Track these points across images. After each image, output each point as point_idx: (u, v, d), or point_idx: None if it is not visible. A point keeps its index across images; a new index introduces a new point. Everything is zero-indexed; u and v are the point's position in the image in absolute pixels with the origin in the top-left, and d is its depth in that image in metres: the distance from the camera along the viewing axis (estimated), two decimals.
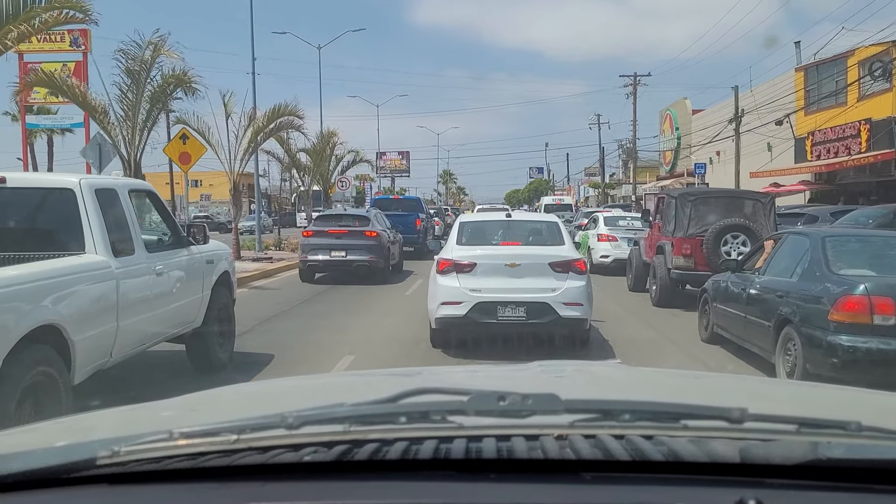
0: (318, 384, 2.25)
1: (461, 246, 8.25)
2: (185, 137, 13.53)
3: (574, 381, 2.06)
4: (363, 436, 1.12)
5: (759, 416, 1.13)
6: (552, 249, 8.20)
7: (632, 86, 43.18)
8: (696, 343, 8.81)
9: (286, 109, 19.73)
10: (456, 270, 7.83)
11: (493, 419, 1.14)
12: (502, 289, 7.69)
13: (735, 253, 11.35)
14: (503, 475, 1.09)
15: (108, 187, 5.65)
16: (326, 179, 32.00)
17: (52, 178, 6.67)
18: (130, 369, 6.27)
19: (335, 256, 14.97)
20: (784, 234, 8.02)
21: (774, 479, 1.07)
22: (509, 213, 9.69)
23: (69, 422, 1.70)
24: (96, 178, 6.51)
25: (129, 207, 5.74)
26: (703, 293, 9.01)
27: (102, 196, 5.39)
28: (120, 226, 5.55)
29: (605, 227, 17.52)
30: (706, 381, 2.44)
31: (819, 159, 24.26)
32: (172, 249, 6.44)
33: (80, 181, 5.29)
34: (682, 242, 11.95)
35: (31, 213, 5.66)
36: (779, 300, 6.66)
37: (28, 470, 1.12)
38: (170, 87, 14.43)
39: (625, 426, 1.12)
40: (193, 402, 1.80)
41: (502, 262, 7.86)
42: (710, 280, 9.02)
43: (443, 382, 1.35)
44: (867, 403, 1.76)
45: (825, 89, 24.88)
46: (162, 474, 1.11)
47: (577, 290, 7.75)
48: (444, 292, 7.78)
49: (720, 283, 8.41)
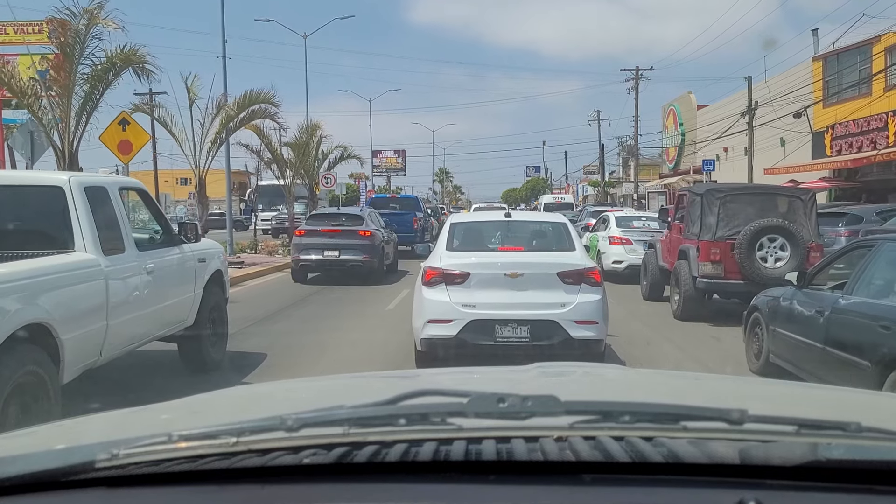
0: (317, 386, 2.22)
1: (452, 252, 7.14)
2: (125, 122, 11.51)
3: (574, 382, 2.07)
4: (362, 438, 1.13)
5: (758, 418, 1.13)
6: (561, 256, 7.15)
7: (633, 80, 41.33)
8: (743, 372, 7.28)
9: (259, 96, 17.89)
10: (445, 281, 6.77)
11: (493, 421, 1.15)
12: (501, 304, 6.69)
13: (772, 259, 10.15)
14: (503, 477, 1.10)
15: (98, 185, 5.70)
16: (312, 176, 30.00)
17: (41, 175, 6.50)
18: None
19: (328, 256, 14.75)
20: (875, 241, 6.07)
21: (774, 480, 1.07)
22: (509, 213, 8.35)
23: (68, 425, 1.71)
24: (86, 175, 6.56)
25: (119, 205, 5.79)
26: (752, 312, 7.54)
27: (92, 194, 5.43)
28: (110, 224, 5.56)
29: (618, 229, 15.73)
30: (706, 382, 2.42)
31: (840, 154, 22.37)
32: (164, 248, 6.46)
33: (70, 179, 5.33)
34: (710, 246, 10.51)
35: (19, 211, 5.65)
36: (884, 333, 5.13)
37: (26, 473, 1.13)
38: (116, 66, 12.41)
39: (624, 428, 1.13)
40: (192, 405, 1.81)
41: (501, 272, 6.82)
42: (761, 296, 7.57)
43: (442, 384, 1.50)
44: (867, 404, 1.76)
45: (847, 79, 22.97)
46: (161, 477, 1.12)
47: (592, 306, 6.74)
48: (431, 308, 6.76)
49: (780, 300, 6.94)
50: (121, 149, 11.70)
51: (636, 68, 41.83)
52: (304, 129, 28.12)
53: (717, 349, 8.69)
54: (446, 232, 7.49)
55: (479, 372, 2.99)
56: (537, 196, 57.96)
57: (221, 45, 19.95)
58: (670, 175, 43.82)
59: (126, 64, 12.37)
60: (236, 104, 17.82)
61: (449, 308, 6.65)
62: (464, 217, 8.95)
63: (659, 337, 9.53)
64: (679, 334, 9.77)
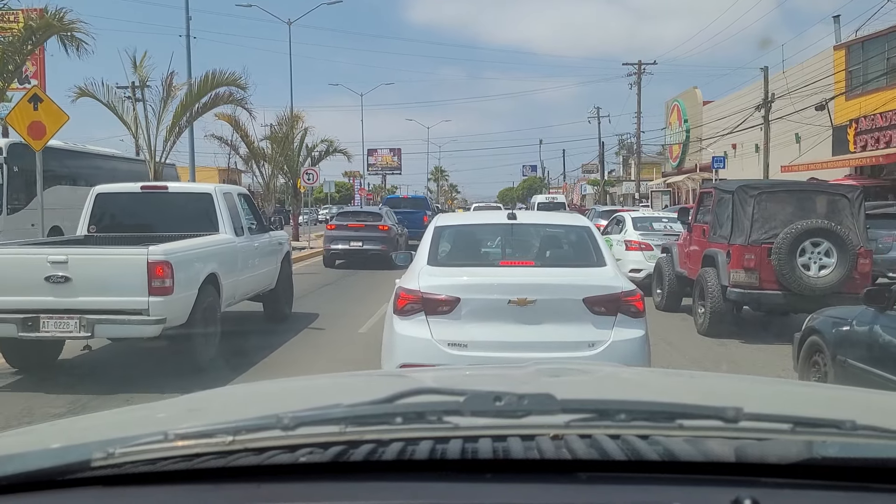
0: (313, 385, 2.25)
1: (435, 268, 5.42)
2: (36, 100, 9.52)
3: (570, 381, 2.07)
4: (359, 437, 1.15)
5: (754, 416, 1.16)
6: (588, 274, 5.38)
7: (635, 74, 39.63)
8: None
9: (223, 78, 16.10)
10: (426, 310, 5.05)
11: (489, 419, 1.17)
12: (504, 343, 4.93)
13: (816, 266, 8.98)
14: (499, 475, 1.12)
15: (227, 192, 9.15)
16: (295, 171, 28.06)
17: (196, 186, 11.52)
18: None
19: (353, 245, 18.62)
20: None
21: (770, 478, 1.10)
22: (513, 213, 6.16)
23: (64, 424, 1.77)
24: (223, 185, 10.27)
25: (238, 204, 9.14)
26: (808, 334, 6.34)
27: (226, 197, 8.82)
28: (235, 216, 8.84)
29: (636, 232, 13.92)
30: (701, 380, 2.45)
31: (865, 150, 20.36)
32: (260, 233, 9.60)
33: (215, 188, 8.91)
34: (743, 251, 9.28)
35: (187, 208, 8.80)
36: None
37: (23, 472, 1.15)
38: (36, 34, 10.42)
39: (621, 426, 1.16)
40: (189, 403, 1.84)
41: (504, 297, 5.04)
42: (821, 316, 6.39)
43: (439, 383, 1.50)
44: (862, 402, 1.79)
45: (873, 69, 20.97)
46: (157, 476, 1.14)
47: (633, 346, 5.04)
48: (404, 347, 5.08)
49: (853, 324, 5.81)
50: (32, 132, 9.67)
51: (638, 62, 40.45)
52: (285, 119, 26.17)
53: (749, 370, 7.65)
54: (429, 239, 5.71)
55: (475, 370, 2.91)
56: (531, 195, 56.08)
57: (185, 23, 18.03)
58: (674, 173, 42.43)
59: (48, 31, 10.39)
60: (195, 87, 16.01)
61: (430, 348, 4.96)
62: (453, 219, 7.07)
63: (682, 356, 8.42)
64: (706, 353, 8.74)
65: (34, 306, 6.42)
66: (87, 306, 6.45)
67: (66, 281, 6.40)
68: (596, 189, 54.85)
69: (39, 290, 6.42)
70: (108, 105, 15.36)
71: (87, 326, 6.41)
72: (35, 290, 6.43)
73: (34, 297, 6.44)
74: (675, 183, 41.57)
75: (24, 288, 6.46)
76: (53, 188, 14.68)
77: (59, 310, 6.39)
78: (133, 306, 6.48)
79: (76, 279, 6.45)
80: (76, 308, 6.42)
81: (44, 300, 6.43)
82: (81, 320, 6.39)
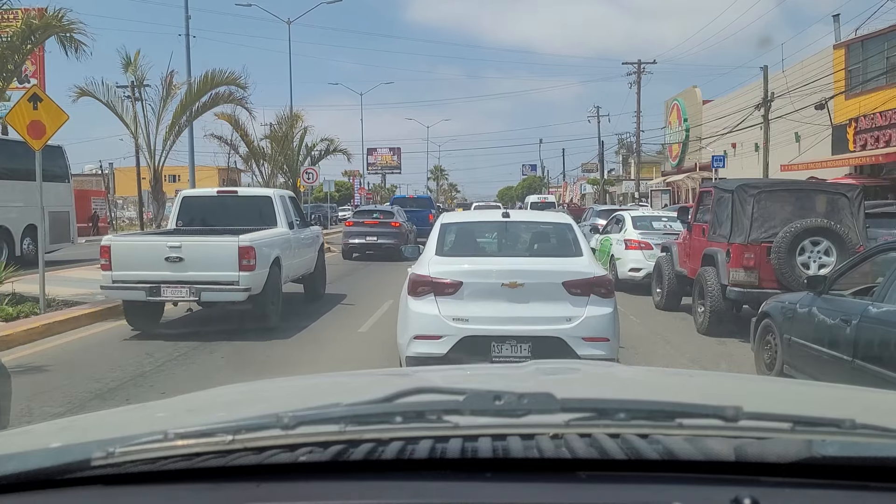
0: (313, 384, 2.26)
1: (442, 257, 6.61)
2: (36, 99, 9.45)
3: (569, 380, 2.10)
4: (359, 436, 1.16)
5: (753, 415, 1.16)
6: (567, 262, 6.56)
7: (635, 73, 39.67)
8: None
9: (223, 77, 16.12)
10: (434, 292, 6.24)
11: (489, 419, 1.17)
12: (498, 318, 6.16)
13: (815, 265, 9.02)
14: (499, 474, 1.13)
15: (281, 195, 11.71)
16: (294, 171, 28.02)
17: (259, 190, 14.99)
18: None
19: (369, 240, 21.13)
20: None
21: (769, 476, 1.10)
22: (507, 213, 7.49)
23: (64, 423, 1.76)
24: (279, 190, 13.64)
25: (288, 204, 11.66)
26: (762, 318, 7.21)
27: (281, 199, 11.35)
28: (287, 213, 11.28)
29: (636, 231, 14.02)
30: (701, 379, 2.48)
31: (865, 149, 20.35)
32: (303, 228, 12.20)
33: (273, 192, 11.63)
34: (743, 250, 9.41)
35: (252, 208, 11.16)
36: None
37: (23, 471, 1.15)
38: (36, 33, 10.41)
39: (620, 425, 1.16)
40: (189, 403, 1.86)
41: (498, 281, 6.23)
42: (772, 301, 7.25)
43: (438, 382, 1.52)
44: (861, 401, 1.80)
45: (872, 68, 20.96)
46: (157, 475, 1.14)
47: (602, 320, 6.21)
48: (417, 322, 6.26)
49: (795, 307, 6.63)
50: (32, 132, 9.62)
51: (638, 61, 40.51)
52: (285, 118, 26.15)
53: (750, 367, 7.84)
54: (436, 234, 6.95)
55: (475, 369, 2.96)
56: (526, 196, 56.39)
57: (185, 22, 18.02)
58: (673, 172, 42.44)
59: (47, 31, 10.39)
60: (195, 85, 16.05)
61: (438, 322, 6.14)
62: (456, 217, 8.18)
63: (684, 359, 8.44)
64: (706, 352, 8.77)
65: (157, 278, 8.91)
66: (196, 278, 8.92)
67: (179, 260, 8.89)
68: (596, 188, 54.90)
69: (161, 267, 8.91)
70: (108, 104, 15.28)
71: (195, 293, 8.99)
72: (158, 266, 8.92)
73: (157, 272, 8.91)
74: (675, 182, 41.60)
75: (150, 265, 8.97)
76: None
77: (175, 281, 8.90)
78: (228, 279, 8.94)
79: (187, 259, 8.93)
80: (187, 280, 8.90)
81: (164, 274, 8.90)
82: (191, 288, 8.92)
